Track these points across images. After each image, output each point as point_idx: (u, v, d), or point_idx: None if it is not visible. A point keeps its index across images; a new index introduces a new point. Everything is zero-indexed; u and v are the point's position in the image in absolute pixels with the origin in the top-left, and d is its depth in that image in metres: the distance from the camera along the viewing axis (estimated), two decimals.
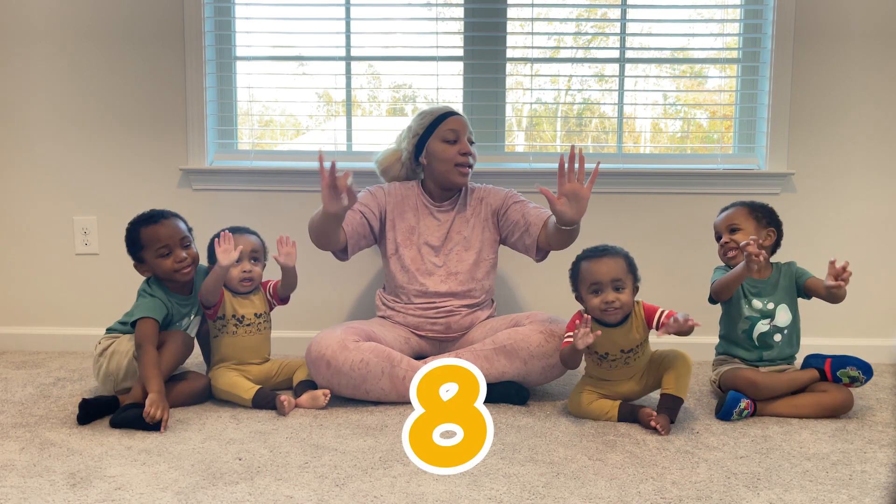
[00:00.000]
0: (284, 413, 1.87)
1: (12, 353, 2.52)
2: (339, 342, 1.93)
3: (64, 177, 2.56)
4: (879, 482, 1.49)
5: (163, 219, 1.98)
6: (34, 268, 2.59)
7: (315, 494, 1.40)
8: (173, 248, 1.96)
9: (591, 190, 1.84)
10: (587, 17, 2.67)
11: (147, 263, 1.98)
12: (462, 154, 2.13)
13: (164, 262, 1.95)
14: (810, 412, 1.89)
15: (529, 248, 2.12)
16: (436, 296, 2.13)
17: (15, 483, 1.44)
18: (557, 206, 1.84)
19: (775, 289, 2.04)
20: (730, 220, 2.09)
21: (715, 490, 1.44)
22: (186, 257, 1.97)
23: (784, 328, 2.01)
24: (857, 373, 1.91)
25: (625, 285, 1.82)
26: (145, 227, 1.96)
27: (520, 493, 1.41)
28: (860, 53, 2.48)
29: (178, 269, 1.96)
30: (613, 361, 1.87)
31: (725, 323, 2.09)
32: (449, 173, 2.14)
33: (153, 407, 1.72)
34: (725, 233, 2.08)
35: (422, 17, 2.59)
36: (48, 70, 2.52)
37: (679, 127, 2.76)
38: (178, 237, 1.97)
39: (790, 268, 2.06)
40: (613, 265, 1.83)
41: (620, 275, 1.82)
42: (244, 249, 2.04)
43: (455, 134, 2.14)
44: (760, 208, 2.10)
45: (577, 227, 1.93)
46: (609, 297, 1.81)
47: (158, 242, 1.95)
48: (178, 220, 2.02)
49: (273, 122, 2.77)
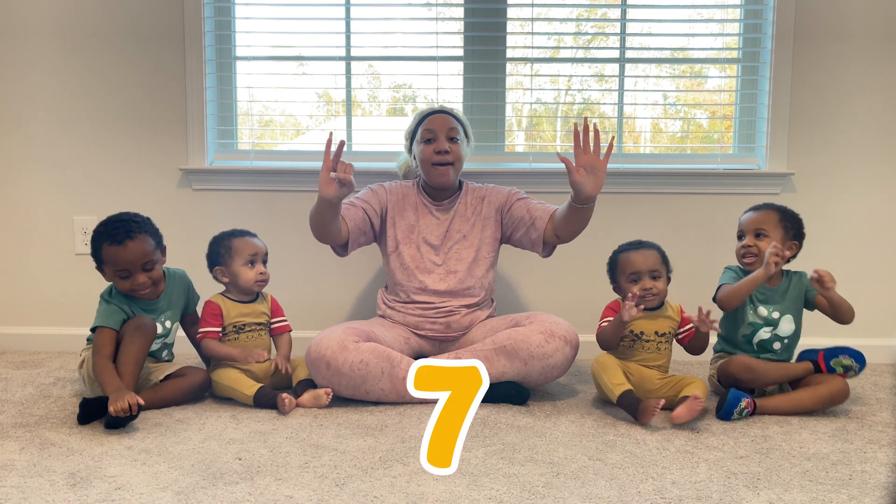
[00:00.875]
0: (285, 412, 1.87)
1: (12, 353, 2.52)
2: (338, 343, 1.93)
3: (64, 177, 2.56)
4: (879, 482, 1.49)
5: (128, 240, 1.88)
6: (34, 268, 2.59)
7: (315, 494, 1.40)
8: (133, 272, 1.90)
9: (607, 163, 1.90)
10: (587, 17, 2.67)
11: (107, 275, 1.94)
12: (437, 153, 2.11)
13: (123, 283, 1.91)
14: (809, 405, 1.90)
15: (536, 243, 2.11)
16: (434, 294, 2.14)
17: (15, 483, 1.44)
18: (576, 176, 1.87)
19: (783, 298, 2.03)
20: (759, 223, 2.03)
21: (715, 490, 1.44)
22: (146, 281, 1.91)
23: (785, 338, 2.02)
24: (849, 361, 1.94)
25: (660, 274, 1.98)
26: (108, 244, 1.89)
27: (520, 493, 1.41)
28: (860, 53, 2.48)
29: (136, 291, 1.91)
30: (647, 343, 1.97)
31: (726, 326, 2.08)
32: (428, 173, 2.15)
33: (114, 405, 1.69)
34: (750, 235, 2.03)
35: (422, 17, 2.59)
36: (48, 70, 2.52)
37: (679, 127, 2.76)
38: (140, 262, 1.89)
39: (801, 279, 2.05)
40: (650, 256, 1.98)
41: (656, 265, 1.97)
42: (260, 251, 2.07)
43: (431, 133, 2.13)
44: (792, 218, 2.04)
45: (590, 209, 1.95)
46: (647, 284, 1.95)
47: (117, 265, 1.89)
48: (145, 238, 1.91)
49: (273, 122, 2.77)
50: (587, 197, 1.90)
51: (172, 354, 2.10)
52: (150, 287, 1.94)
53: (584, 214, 1.97)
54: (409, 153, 2.27)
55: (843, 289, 2.31)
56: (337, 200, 1.90)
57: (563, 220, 2.00)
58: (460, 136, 2.17)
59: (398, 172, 2.37)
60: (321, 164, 1.87)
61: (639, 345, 1.97)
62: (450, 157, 2.12)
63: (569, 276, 2.56)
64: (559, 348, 1.96)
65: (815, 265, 2.12)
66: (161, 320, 2.00)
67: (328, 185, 1.86)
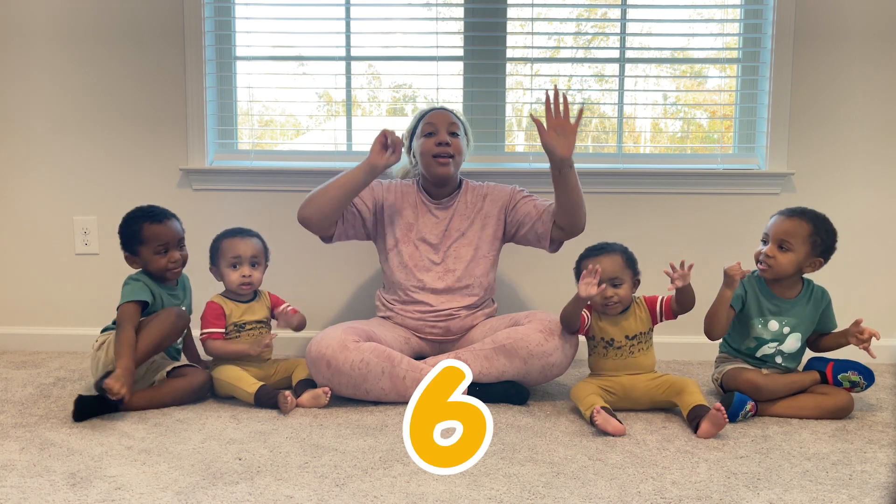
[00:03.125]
0: (287, 410, 1.87)
1: (12, 353, 2.52)
2: (339, 342, 1.93)
3: (64, 177, 2.56)
4: (879, 482, 1.49)
5: (165, 219, 2.03)
6: (34, 268, 2.59)
7: (315, 494, 1.40)
8: (170, 248, 2.01)
9: (577, 127, 1.93)
10: (587, 17, 2.67)
11: (141, 258, 2.01)
12: (438, 144, 2.13)
13: (160, 259, 2.00)
14: (810, 413, 1.89)
15: (542, 237, 2.11)
16: (432, 293, 2.14)
17: (15, 483, 1.44)
18: (546, 137, 1.92)
19: (799, 312, 1.95)
20: (787, 233, 1.89)
21: (715, 490, 1.44)
22: (180, 258, 2.03)
23: (788, 353, 1.98)
24: (857, 377, 1.90)
25: (622, 281, 1.90)
26: (149, 223, 2.00)
27: (520, 493, 1.41)
28: (860, 53, 2.48)
29: (170, 269, 2.01)
30: (619, 349, 1.91)
31: (731, 334, 2.03)
32: (429, 166, 2.15)
33: (117, 382, 1.74)
34: (773, 244, 1.90)
35: (422, 17, 2.59)
36: (48, 70, 2.52)
37: (679, 127, 2.76)
38: (177, 238, 2.03)
39: (823, 298, 1.97)
40: (610, 262, 1.90)
41: (618, 272, 1.90)
42: (244, 254, 2.05)
43: (433, 127, 2.15)
44: (825, 232, 1.89)
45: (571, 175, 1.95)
46: (607, 293, 1.89)
47: (159, 241, 1.99)
48: (176, 221, 2.07)
49: (273, 122, 2.77)
50: (560, 158, 1.92)
51: (179, 352, 2.13)
52: (181, 267, 2.04)
53: (568, 182, 1.95)
54: (408, 153, 2.27)
55: (843, 288, 2.32)
56: (384, 167, 2.02)
57: (557, 204, 2.02)
58: (461, 132, 2.19)
59: (395, 175, 2.36)
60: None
61: (612, 352, 1.92)
62: (451, 150, 2.13)
63: (569, 275, 2.54)
64: (559, 347, 1.96)
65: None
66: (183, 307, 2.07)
67: (380, 153, 2.01)
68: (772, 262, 1.91)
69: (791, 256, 1.90)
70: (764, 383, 1.89)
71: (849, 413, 1.90)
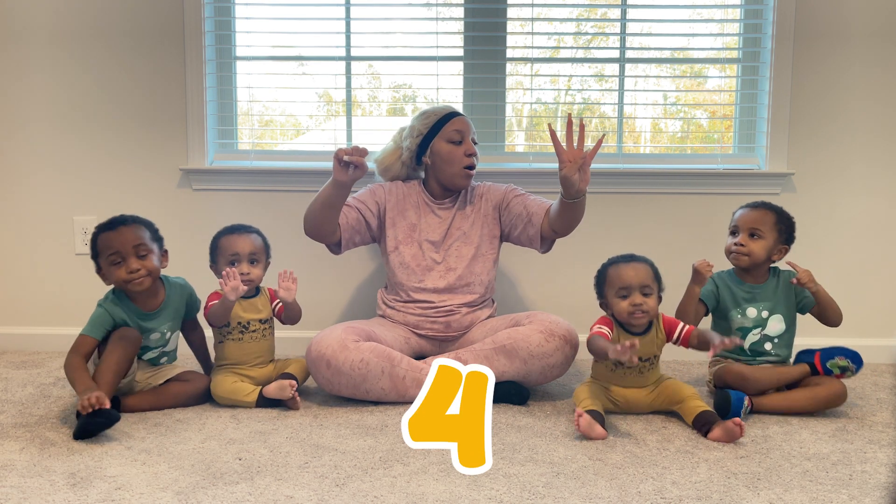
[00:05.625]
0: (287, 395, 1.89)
1: (12, 353, 2.52)
2: (338, 342, 1.93)
3: (64, 176, 2.56)
4: (879, 482, 1.49)
5: (121, 225, 1.85)
6: (34, 268, 2.59)
7: (315, 494, 1.40)
8: (126, 257, 1.83)
9: (592, 160, 1.86)
10: (587, 17, 2.68)
11: (103, 271, 1.88)
12: (467, 155, 2.14)
13: (118, 271, 1.83)
14: (805, 405, 1.90)
15: (533, 239, 2.11)
16: (434, 292, 2.14)
17: (15, 483, 1.44)
18: (567, 171, 1.85)
19: (773, 295, 2.01)
20: (756, 222, 1.99)
21: (715, 490, 1.44)
22: (140, 268, 1.84)
23: (774, 337, 2.00)
24: (846, 362, 1.93)
25: (652, 291, 1.85)
26: (102, 232, 1.86)
27: (520, 493, 1.41)
28: (860, 53, 2.48)
29: (129, 280, 1.83)
30: (629, 370, 1.87)
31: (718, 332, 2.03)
32: (455, 176, 2.15)
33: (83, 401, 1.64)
34: (744, 233, 1.99)
35: (422, 17, 2.59)
36: (48, 71, 2.52)
37: (679, 127, 2.76)
38: (132, 244, 1.84)
39: (790, 276, 2.02)
40: (641, 270, 1.85)
41: (648, 280, 1.84)
42: (242, 251, 2.02)
43: (460, 135, 2.15)
44: (787, 220, 2.02)
45: (582, 203, 1.93)
46: (637, 300, 1.82)
47: (110, 249, 1.83)
48: (140, 227, 1.88)
49: (273, 122, 2.77)
50: (577, 192, 1.89)
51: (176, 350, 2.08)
52: (146, 277, 1.85)
53: (577, 209, 1.95)
54: (409, 151, 2.22)
55: (843, 288, 2.31)
56: (350, 183, 1.94)
57: (557, 216, 2.00)
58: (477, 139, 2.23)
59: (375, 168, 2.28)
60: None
61: (620, 371, 1.88)
62: (476, 160, 2.17)
63: (569, 275, 2.56)
64: (559, 347, 1.96)
65: (815, 265, 2.13)
66: (162, 330, 1.95)
67: (341, 171, 1.92)
68: (746, 251, 1.98)
69: (762, 243, 1.99)
70: (751, 373, 1.92)
71: (843, 401, 1.91)
